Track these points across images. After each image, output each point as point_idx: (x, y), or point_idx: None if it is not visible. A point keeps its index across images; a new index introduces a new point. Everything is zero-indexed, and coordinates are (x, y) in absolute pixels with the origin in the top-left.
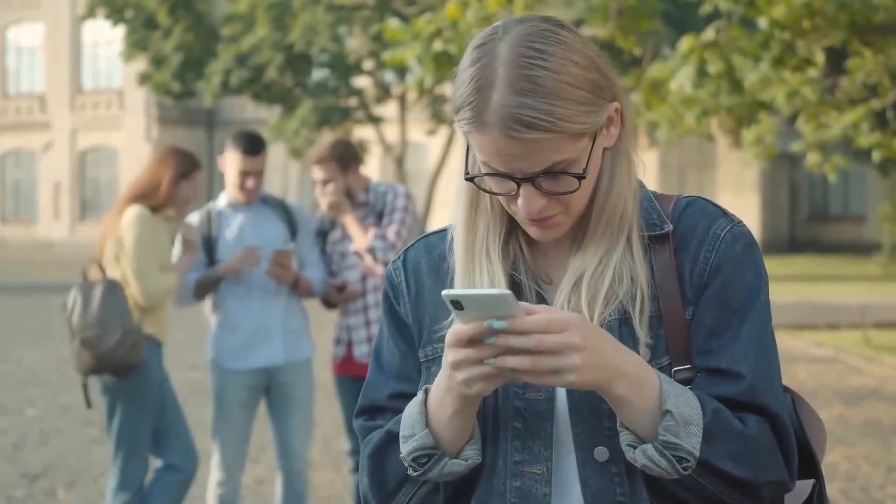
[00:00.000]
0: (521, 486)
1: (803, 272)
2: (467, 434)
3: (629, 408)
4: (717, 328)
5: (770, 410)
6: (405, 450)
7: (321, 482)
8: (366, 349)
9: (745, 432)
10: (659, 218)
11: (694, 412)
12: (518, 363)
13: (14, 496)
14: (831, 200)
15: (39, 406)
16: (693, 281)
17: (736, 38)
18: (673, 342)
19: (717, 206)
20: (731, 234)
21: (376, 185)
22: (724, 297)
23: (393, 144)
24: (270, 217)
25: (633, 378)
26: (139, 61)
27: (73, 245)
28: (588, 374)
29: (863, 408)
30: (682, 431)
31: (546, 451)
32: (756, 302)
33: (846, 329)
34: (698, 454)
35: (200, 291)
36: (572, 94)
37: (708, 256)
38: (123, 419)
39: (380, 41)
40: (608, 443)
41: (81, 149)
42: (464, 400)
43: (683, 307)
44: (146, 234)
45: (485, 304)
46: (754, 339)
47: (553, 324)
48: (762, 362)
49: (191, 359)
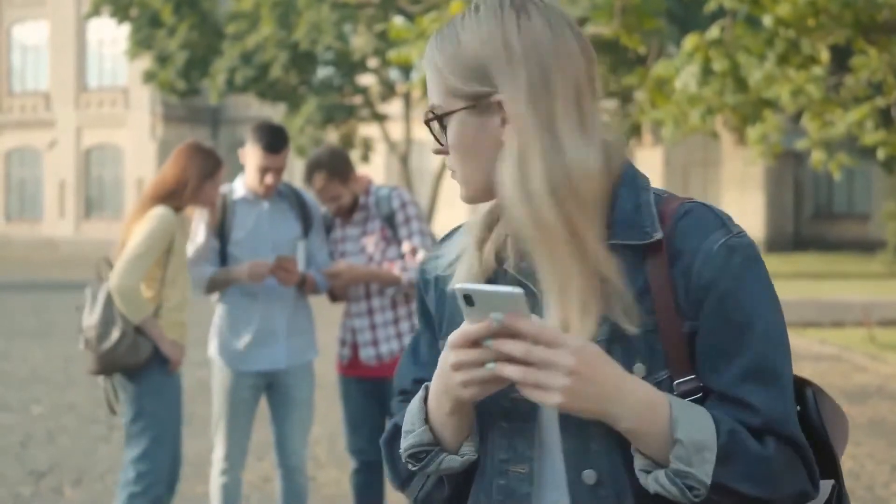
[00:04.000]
0: (505, 484)
1: (808, 270)
2: (466, 431)
3: (638, 437)
4: (724, 346)
5: (789, 437)
6: (404, 445)
7: (326, 480)
8: (372, 352)
9: (762, 454)
10: (652, 225)
11: (707, 436)
12: (511, 373)
13: (21, 494)
14: (836, 198)
15: (45, 404)
16: (689, 295)
17: (741, 36)
18: (672, 355)
19: (717, 215)
20: (726, 248)
21: (378, 189)
22: (725, 313)
23: (398, 142)
24: (286, 212)
25: (635, 409)
26: (144, 59)
27: (78, 243)
28: (578, 400)
29: (867, 406)
30: (694, 459)
31: (529, 451)
32: (762, 317)
33: (851, 327)
34: (710, 481)
35: (211, 289)
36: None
37: (700, 272)
38: (145, 416)
39: (384, 39)
40: (596, 465)
41: (86, 147)
42: (459, 400)
43: (680, 320)
44: (159, 234)
45: (495, 301)
46: (766, 365)
47: (543, 336)
48: (776, 394)
49: (198, 357)
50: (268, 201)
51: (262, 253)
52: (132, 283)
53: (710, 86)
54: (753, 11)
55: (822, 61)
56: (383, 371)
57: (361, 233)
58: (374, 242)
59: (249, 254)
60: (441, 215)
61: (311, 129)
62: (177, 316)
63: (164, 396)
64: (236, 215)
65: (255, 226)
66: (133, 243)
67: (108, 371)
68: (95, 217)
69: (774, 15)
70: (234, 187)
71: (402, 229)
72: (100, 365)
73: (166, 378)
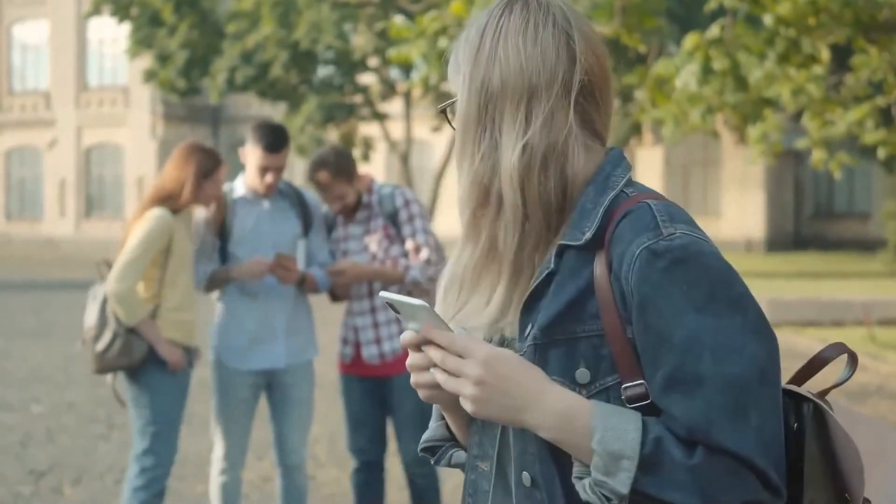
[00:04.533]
0: (474, 479)
1: (808, 269)
2: (468, 427)
3: (562, 445)
4: (648, 355)
5: (713, 447)
6: (421, 439)
7: (327, 480)
8: (375, 350)
9: (686, 463)
10: (589, 226)
11: (625, 445)
12: (438, 377)
13: (21, 493)
14: (836, 197)
15: (45, 403)
16: (626, 300)
17: (741, 35)
18: (620, 360)
19: (654, 216)
20: (648, 251)
21: (380, 187)
22: (645, 321)
23: (398, 141)
24: (287, 211)
25: (554, 419)
26: (144, 58)
27: (78, 242)
28: (487, 408)
29: (867, 405)
30: (611, 467)
31: (492, 449)
32: (684, 327)
33: (851, 326)
34: (626, 491)
35: (210, 286)
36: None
37: (627, 276)
38: (146, 414)
39: (385, 38)
40: (531, 468)
41: (86, 146)
42: (430, 400)
43: (623, 324)
44: (154, 237)
45: (410, 311)
46: (686, 372)
47: (453, 345)
48: (696, 401)
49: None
50: (268, 200)
51: (263, 252)
52: (126, 286)
53: (710, 85)
54: (754, 10)
55: (823, 60)
56: (386, 370)
57: (364, 231)
58: (378, 241)
59: (250, 252)
60: (442, 215)
61: (312, 129)
62: (178, 315)
63: (164, 395)
64: (237, 214)
65: (255, 224)
66: (128, 246)
67: (105, 371)
68: (96, 216)
69: (775, 14)
70: (235, 186)
71: (405, 227)
72: (97, 365)
73: (167, 377)
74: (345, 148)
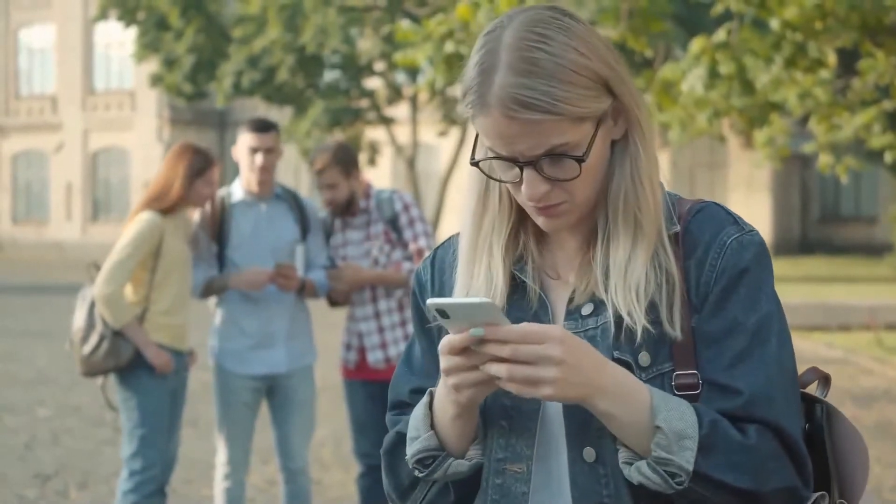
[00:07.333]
0: (502, 483)
1: (814, 273)
2: (471, 434)
3: (617, 424)
4: (716, 336)
5: (770, 422)
6: (410, 451)
7: (332, 483)
8: (380, 355)
9: (744, 442)
10: (670, 219)
11: (688, 425)
12: (497, 371)
13: (26, 496)
14: (843, 201)
15: (50, 406)
16: (700, 288)
17: (747, 39)
18: (677, 347)
19: (729, 213)
20: (738, 242)
21: (379, 192)
22: (724, 304)
23: (404, 146)
24: (284, 215)
25: (616, 395)
26: (151, 62)
27: (85, 246)
28: (567, 389)
29: (874, 409)
30: (674, 446)
31: (528, 450)
32: (759, 312)
33: (857, 330)
34: (691, 468)
35: (207, 293)
36: (571, 78)
37: (714, 264)
38: (134, 416)
39: (391, 42)
40: (596, 443)
41: (93, 150)
42: (460, 404)
43: (689, 313)
44: (140, 239)
45: (467, 312)
46: (755, 351)
47: (529, 335)
48: (761, 377)
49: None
50: (266, 203)
51: (261, 256)
52: (112, 289)
53: (716, 89)
54: (760, 14)
55: (830, 64)
56: (391, 374)
57: (364, 237)
58: (379, 246)
59: (248, 257)
60: (447, 220)
61: (318, 133)
62: (167, 319)
63: (152, 398)
64: (234, 218)
65: (253, 229)
66: (116, 249)
67: (93, 374)
68: (102, 220)
69: (781, 18)
70: (232, 190)
71: (407, 231)
72: (84, 367)
73: (155, 380)
74: (350, 145)
